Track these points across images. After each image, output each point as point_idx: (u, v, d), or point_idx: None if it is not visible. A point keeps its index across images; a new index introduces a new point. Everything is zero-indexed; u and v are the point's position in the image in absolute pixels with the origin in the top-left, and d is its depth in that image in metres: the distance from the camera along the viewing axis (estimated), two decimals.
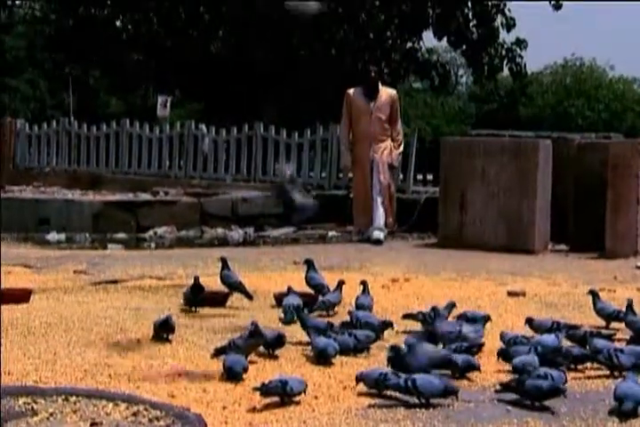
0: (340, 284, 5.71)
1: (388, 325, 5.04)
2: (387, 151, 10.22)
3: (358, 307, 5.41)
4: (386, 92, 10.38)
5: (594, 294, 5.44)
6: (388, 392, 3.96)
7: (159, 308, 5.67)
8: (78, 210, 11.98)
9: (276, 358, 4.56)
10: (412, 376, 3.89)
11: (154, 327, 4.94)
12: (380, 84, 10.43)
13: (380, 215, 10.12)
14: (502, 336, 4.75)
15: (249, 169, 14.23)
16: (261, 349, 4.59)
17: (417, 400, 3.86)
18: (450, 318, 5.18)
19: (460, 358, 4.31)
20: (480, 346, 4.66)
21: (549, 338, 4.59)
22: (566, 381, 4.08)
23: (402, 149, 10.55)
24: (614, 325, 5.35)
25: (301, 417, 3.70)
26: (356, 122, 10.24)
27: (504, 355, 4.45)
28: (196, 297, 5.73)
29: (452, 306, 5.30)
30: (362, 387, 4.04)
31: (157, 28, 17.87)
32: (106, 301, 6.04)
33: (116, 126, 15.76)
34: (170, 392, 3.96)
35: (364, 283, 5.65)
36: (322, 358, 4.51)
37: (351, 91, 10.33)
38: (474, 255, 8.81)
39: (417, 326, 5.21)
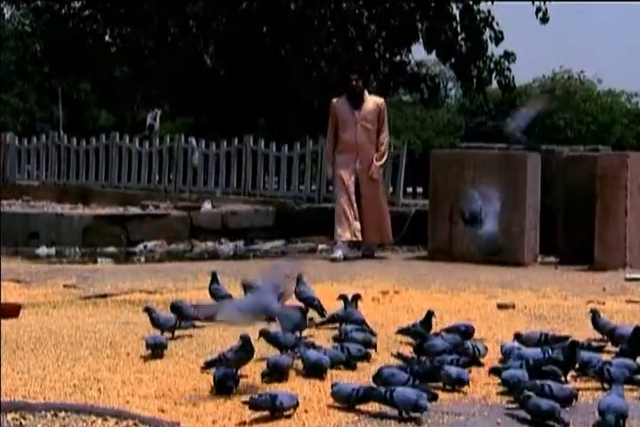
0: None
1: (370, 344, 4.97)
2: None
3: (352, 322, 5.38)
4: (372, 101, 9.97)
5: (594, 311, 5.42)
6: (376, 406, 3.95)
7: (149, 322, 5.64)
8: (68, 224, 11.96)
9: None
10: (391, 388, 3.89)
11: (148, 346, 4.89)
12: (365, 93, 10.03)
13: (369, 236, 10.04)
14: (501, 347, 4.79)
15: (239, 182, 14.24)
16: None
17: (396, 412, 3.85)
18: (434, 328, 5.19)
19: (453, 371, 4.32)
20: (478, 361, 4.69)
21: (534, 351, 4.60)
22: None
23: (384, 160, 10.00)
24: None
25: None
26: (341, 132, 9.88)
27: (498, 372, 4.44)
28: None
29: (430, 316, 5.26)
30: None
31: (147, 42, 17.89)
32: (95, 315, 6.03)
33: (105, 140, 15.77)
34: (160, 407, 3.95)
35: (344, 297, 5.60)
36: (314, 371, 4.49)
37: (335, 100, 10.02)
38: (463, 268, 8.83)
39: (407, 339, 5.22)
